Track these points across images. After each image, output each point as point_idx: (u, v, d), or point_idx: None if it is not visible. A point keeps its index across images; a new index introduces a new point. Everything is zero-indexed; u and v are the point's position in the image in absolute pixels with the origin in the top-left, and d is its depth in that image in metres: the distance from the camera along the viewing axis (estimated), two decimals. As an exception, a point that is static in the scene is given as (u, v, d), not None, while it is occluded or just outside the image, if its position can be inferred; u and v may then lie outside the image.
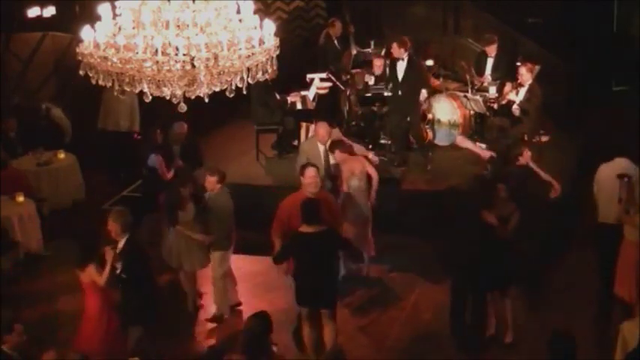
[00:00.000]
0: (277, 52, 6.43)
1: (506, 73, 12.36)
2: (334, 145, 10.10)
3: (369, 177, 9.96)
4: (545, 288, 9.59)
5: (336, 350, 8.58)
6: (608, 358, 7.80)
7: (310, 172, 8.74)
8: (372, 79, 12.57)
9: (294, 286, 8.31)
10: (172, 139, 10.86)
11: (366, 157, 10.70)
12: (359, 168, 9.88)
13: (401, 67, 11.74)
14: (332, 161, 10.17)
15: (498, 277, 8.61)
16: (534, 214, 9.43)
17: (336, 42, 13.61)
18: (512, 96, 11.67)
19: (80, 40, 6.20)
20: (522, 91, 11.53)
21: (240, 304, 9.53)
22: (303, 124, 12.38)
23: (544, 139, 11.98)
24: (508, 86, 11.84)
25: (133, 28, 6.15)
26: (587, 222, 10.14)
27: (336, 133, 10.85)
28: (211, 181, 9.12)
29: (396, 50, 11.69)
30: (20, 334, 7.14)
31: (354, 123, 12.94)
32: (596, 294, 9.31)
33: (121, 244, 7.87)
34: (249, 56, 6.16)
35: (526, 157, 9.75)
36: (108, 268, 7.74)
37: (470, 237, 8.49)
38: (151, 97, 6.22)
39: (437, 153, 12.29)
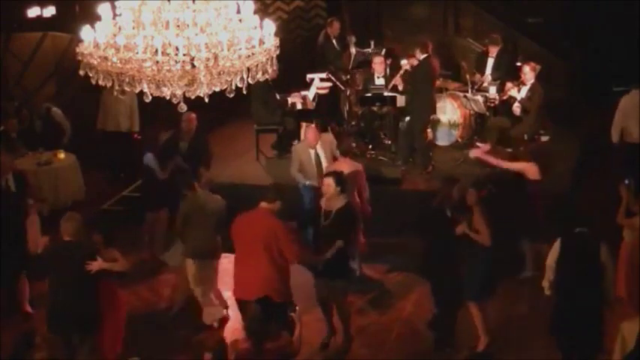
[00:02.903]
0: (277, 52, 6.43)
1: (506, 73, 12.38)
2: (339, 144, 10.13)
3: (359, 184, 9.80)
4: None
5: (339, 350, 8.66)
6: (608, 358, 7.81)
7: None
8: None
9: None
10: (181, 135, 10.57)
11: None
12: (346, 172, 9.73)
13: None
14: (324, 164, 10.14)
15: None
16: (532, 214, 9.48)
17: (334, 41, 13.59)
18: (513, 93, 11.69)
19: (80, 40, 6.21)
20: (524, 90, 11.54)
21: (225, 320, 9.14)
22: (303, 124, 12.38)
23: (544, 138, 11.99)
24: (510, 84, 11.87)
25: (133, 28, 6.15)
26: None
27: (328, 137, 10.75)
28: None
29: (418, 54, 11.66)
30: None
31: (354, 123, 12.96)
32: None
33: None
34: (249, 56, 6.17)
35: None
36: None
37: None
38: (150, 97, 6.23)
39: (437, 153, 12.30)
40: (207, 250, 8.88)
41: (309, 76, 12.93)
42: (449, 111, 12.43)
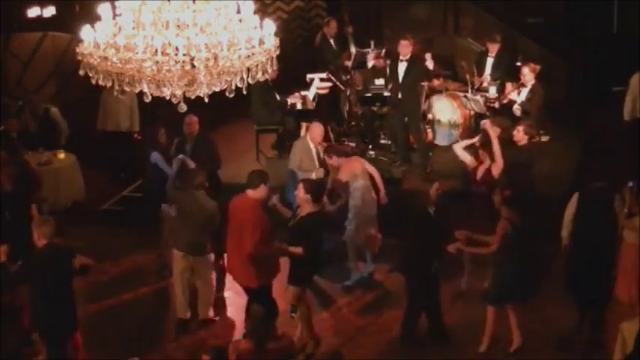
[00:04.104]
0: (277, 52, 6.44)
1: (506, 73, 12.37)
2: (328, 150, 10.11)
3: (370, 176, 9.96)
4: (544, 286, 9.57)
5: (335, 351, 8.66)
6: (608, 359, 7.81)
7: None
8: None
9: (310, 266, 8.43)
10: (185, 137, 10.48)
11: None
12: (359, 168, 9.88)
13: (402, 68, 11.73)
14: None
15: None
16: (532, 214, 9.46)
17: (332, 41, 13.56)
18: (513, 96, 11.66)
19: (80, 40, 6.21)
20: (524, 91, 11.52)
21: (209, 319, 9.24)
22: (304, 124, 12.36)
23: (544, 139, 11.98)
24: (509, 86, 11.85)
25: (133, 28, 6.16)
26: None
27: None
28: None
29: (405, 47, 11.64)
30: None
31: (354, 123, 12.96)
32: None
33: None
34: (249, 56, 6.18)
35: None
36: None
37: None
38: (150, 97, 6.23)
39: (437, 153, 12.30)
40: (196, 247, 8.91)
41: (309, 76, 12.92)
42: (449, 111, 12.42)
